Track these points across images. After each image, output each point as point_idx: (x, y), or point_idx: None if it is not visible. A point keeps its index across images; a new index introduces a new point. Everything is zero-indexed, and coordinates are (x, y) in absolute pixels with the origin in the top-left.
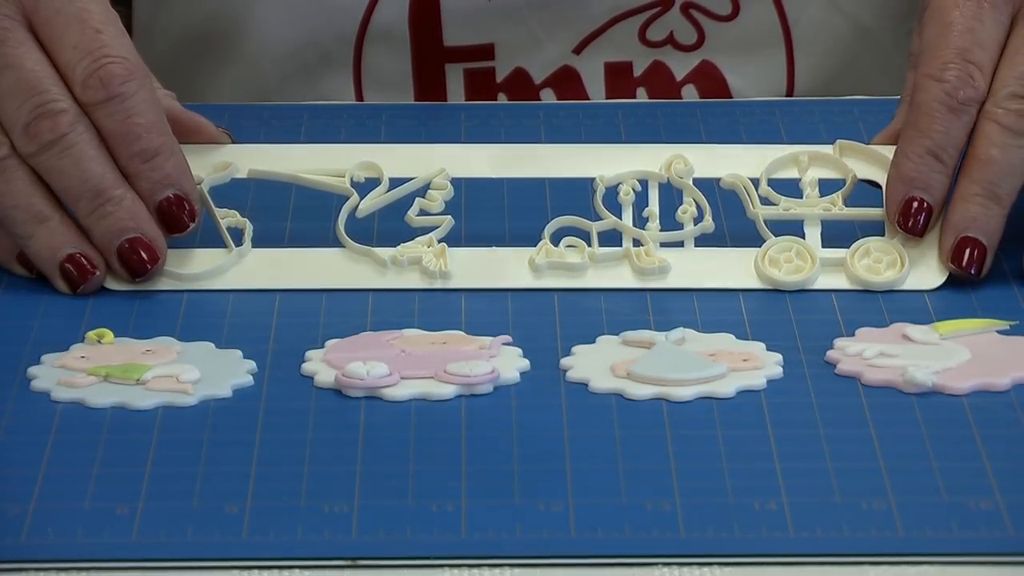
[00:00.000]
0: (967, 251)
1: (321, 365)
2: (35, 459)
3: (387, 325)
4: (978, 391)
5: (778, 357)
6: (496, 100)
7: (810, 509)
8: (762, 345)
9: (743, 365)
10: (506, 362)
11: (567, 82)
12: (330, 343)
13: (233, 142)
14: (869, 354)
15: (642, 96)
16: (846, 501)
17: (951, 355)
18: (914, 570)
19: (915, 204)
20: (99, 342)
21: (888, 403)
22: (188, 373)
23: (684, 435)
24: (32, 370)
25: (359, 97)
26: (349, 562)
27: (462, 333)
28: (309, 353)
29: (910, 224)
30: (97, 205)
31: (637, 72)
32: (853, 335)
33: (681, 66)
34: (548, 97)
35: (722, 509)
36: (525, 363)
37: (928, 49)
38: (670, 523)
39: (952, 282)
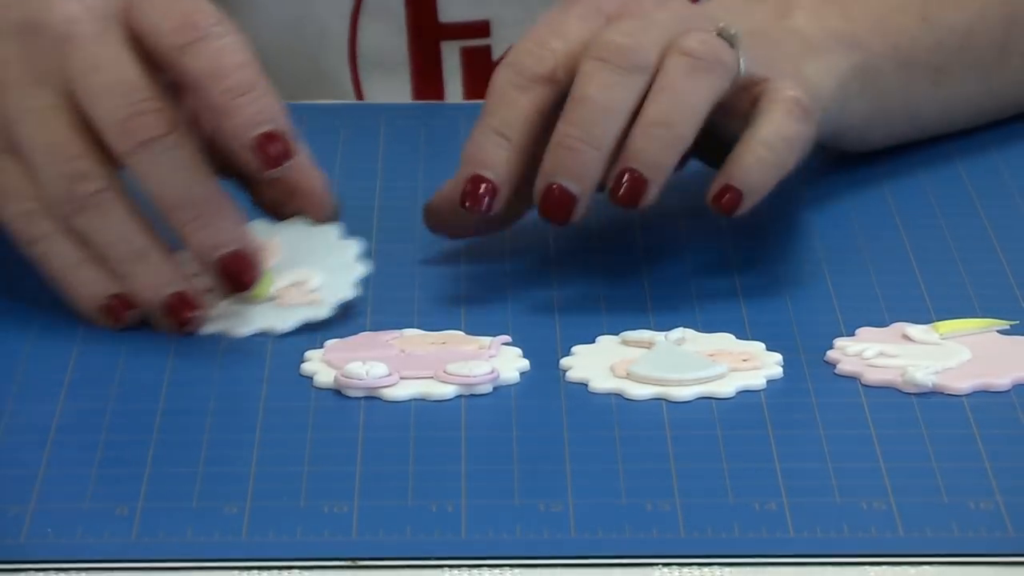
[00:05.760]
0: (556, 198)
1: (320, 365)
2: (35, 459)
3: (387, 325)
4: (978, 391)
5: (778, 357)
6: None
7: (810, 509)
8: (762, 345)
9: (743, 365)
10: (506, 362)
11: None
12: (329, 343)
13: (336, 216)
14: (869, 354)
15: None
16: (846, 501)
17: (951, 355)
18: (914, 570)
19: (481, 184)
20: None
21: (888, 403)
22: (312, 279)
23: (684, 435)
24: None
25: (354, 76)
26: (349, 562)
27: (462, 333)
28: (308, 353)
29: (469, 203)
30: (194, 216)
31: None
32: (853, 335)
33: None
34: None
35: (722, 509)
36: (525, 363)
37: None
38: (670, 523)
39: (952, 282)
